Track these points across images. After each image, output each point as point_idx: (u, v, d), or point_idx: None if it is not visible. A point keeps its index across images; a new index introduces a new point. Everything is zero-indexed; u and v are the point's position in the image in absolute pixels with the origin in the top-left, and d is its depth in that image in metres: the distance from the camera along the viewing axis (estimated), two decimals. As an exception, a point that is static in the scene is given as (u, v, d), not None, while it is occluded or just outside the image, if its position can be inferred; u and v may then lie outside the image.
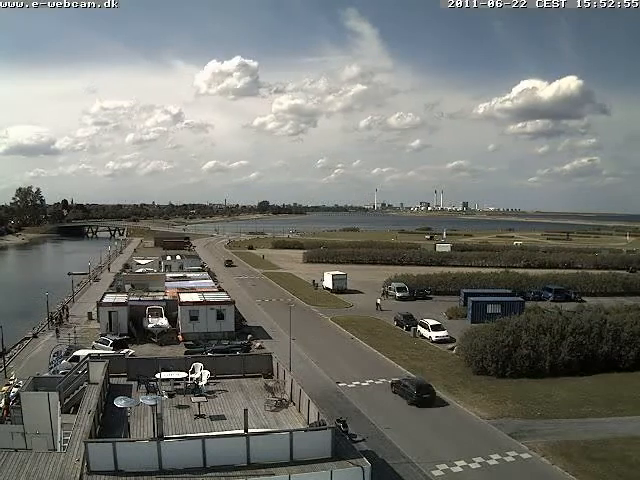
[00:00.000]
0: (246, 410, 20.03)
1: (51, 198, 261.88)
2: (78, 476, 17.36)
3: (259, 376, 27.57)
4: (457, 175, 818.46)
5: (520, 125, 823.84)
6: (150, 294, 55.45)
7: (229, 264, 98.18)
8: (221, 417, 22.76)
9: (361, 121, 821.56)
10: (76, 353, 34.95)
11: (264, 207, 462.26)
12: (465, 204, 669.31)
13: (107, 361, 26.76)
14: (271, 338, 46.04)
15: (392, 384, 33.52)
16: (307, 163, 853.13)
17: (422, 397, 30.94)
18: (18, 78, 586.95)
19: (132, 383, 26.15)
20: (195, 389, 25.23)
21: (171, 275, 67.24)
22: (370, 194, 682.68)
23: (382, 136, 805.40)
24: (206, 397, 24.40)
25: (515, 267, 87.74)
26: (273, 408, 23.65)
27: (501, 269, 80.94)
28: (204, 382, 25.87)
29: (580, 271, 79.91)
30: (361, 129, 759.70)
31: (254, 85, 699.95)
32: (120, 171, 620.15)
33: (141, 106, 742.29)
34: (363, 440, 26.04)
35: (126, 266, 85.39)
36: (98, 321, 47.44)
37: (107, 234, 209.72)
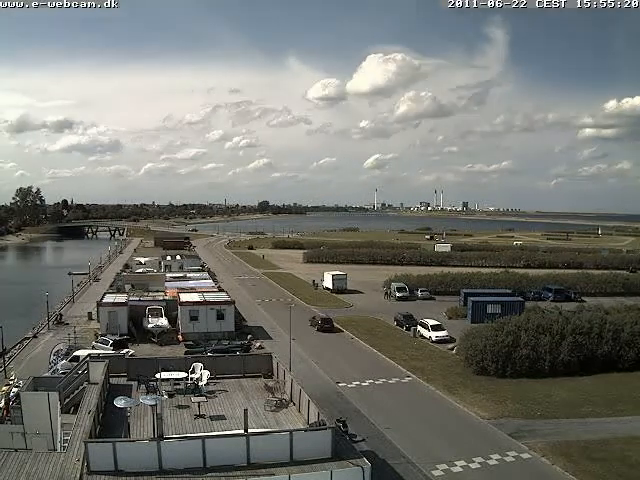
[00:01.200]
0: (246, 410, 20.03)
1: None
2: (78, 476, 17.35)
3: (259, 376, 27.56)
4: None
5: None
6: (150, 294, 55.46)
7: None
8: (221, 417, 22.75)
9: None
10: (76, 353, 34.96)
11: (264, 207, 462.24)
12: (465, 204, 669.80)
13: (107, 361, 26.76)
14: (271, 338, 46.02)
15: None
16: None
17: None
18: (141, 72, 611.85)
19: (132, 383, 26.14)
20: (195, 389, 25.23)
21: (171, 275, 67.22)
22: (370, 194, 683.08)
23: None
24: (206, 397, 24.40)
25: (515, 267, 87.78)
26: (273, 408, 23.65)
27: (501, 269, 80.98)
28: (204, 382, 25.87)
29: (580, 271, 79.90)
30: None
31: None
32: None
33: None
34: (363, 440, 26.04)
35: (126, 266, 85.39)
36: (98, 321, 47.44)
37: (107, 234, 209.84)
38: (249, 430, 19.11)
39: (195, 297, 49.35)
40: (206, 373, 26.52)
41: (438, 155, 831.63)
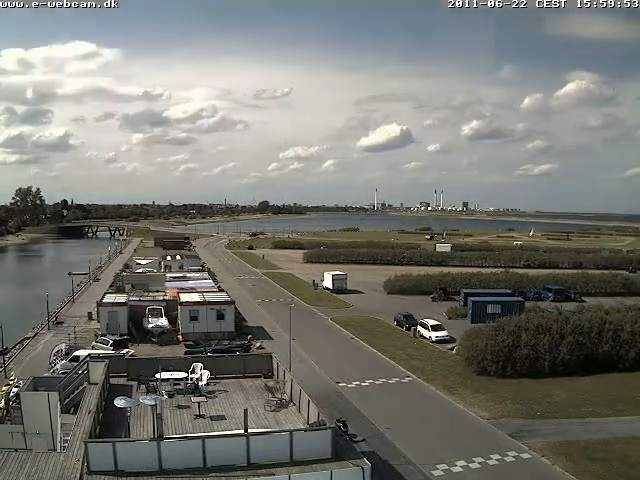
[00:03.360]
0: (246, 410, 20.04)
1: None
2: (78, 476, 17.35)
3: (259, 376, 27.55)
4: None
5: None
6: (150, 294, 55.46)
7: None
8: (221, 417, 22.74)
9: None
10: (76, 353, 34.96)
11: (264, 207, 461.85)
12: (465, 204, 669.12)
13: (107, 361, 26.75)
14: (272, 338, 46.02)
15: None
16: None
17: None
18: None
19: (132, 383, 26.12)
20: (195, 389, 25.22)
21: (171, 275, 67.22)
22: (370, 194, 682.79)
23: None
24: (206, 397, 24.39)
25: (515, 267, 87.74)
26: (273, 408, 23.64)
27: (501, 269, 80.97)
28: (204, 382, 25.86)
29: (580, 271, 79.89)
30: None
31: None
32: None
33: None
34: (363, 440, 26.04)
35: (126, 266, 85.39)
36: (98, 321, 47.44)
37: (107, 234, 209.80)
38: (249, 430, 19.12)
39: (195, 297, 49.34)
40: (206, 373, 26.50)
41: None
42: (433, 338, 45.24)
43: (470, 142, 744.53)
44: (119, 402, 20.35)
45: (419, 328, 47.42)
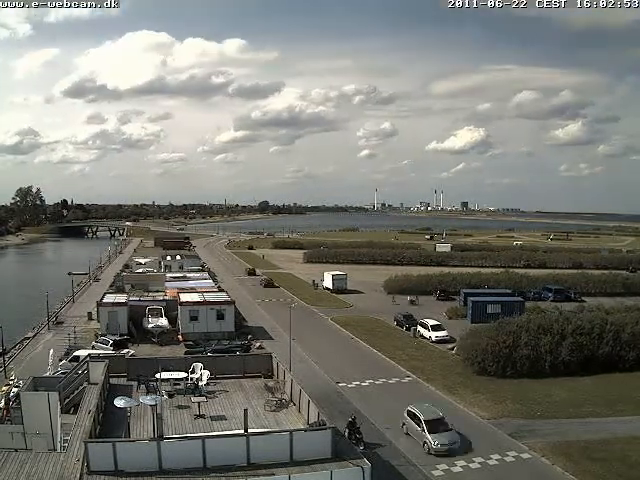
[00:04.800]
0: (246, 410, 20.01)
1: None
2: (78, 476, 17.33)
3: (259, 376, 27.53)
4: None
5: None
6: (150, 294, 55.46)
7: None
8: (221, 417, 22.73)
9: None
10: (76, 353, 34.94)
11: (264, 207, 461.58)
12: (465, 204, 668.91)
13: (107, 361, 26.75)
14: (272, 338, 46.03)
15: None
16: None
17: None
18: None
19: (132, 383, 26.12)
20: (195, 389, 25.20)
21: (171, 275, 67.24)
22: (370, 194, 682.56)
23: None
24: (206, 397, 24.37)
25: (515, 267, 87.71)
26: (273, 408, 23.63)
27: (501, 269, 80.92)
28: (204, 382, 25.85)
29: (580, 271, 79.87)
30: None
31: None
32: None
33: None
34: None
35: (126, 266, 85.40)
36: (98, 321, 47.44)
37: (107, 234, 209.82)
38: (249, 430, 19.09)
39: (195, 297, 49.35)
40: (206, 373, 26.50)
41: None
42: (433, 338, 45.23)
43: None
44: (119, 402, 20.34)
45: (419, 328, 47.42)
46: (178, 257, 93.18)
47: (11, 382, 30.48)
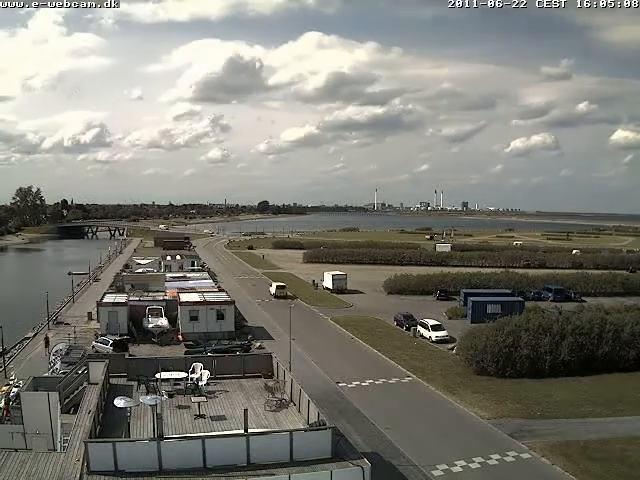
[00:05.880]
0: (246, 410, 20.00)
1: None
2: (78, 476, 17.32)
3: (259, 376, 27.51)
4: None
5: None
6: (150, 294, 55.42)
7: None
8: (221, 417, 22.70)
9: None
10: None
11: (264, 207, 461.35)
12: (465, 204, 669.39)
13: (107, 361, 26.74)
14: (272, 338, 46.03)
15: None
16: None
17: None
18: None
19: (132, 383, 26.08)
20: (195, 389, 25.18)
21: (171, 275, 67.25)
22: (370, 194, 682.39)
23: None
24: (206, 397, 24.34)
25: (515, 267, 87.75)
26: (273, 408, 23.61)
27: (501, 269, 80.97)
28: (204, 382, 25.82)
29: (580, 271, 79.86)
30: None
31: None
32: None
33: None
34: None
35: (126, 266, 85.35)
36: (98, 321, 47.43)
37: (107, 234, 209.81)
38: (249, 430, 19.08)
39: (195, 297, 49.36)
40: (206, 373, 26.46)
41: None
42: (433, 338, 45.23)
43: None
44: (119, 402, 20.32)
45: (419, 328, 47.41)
46: (178, 257, 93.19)
47: (11, 382, 30.50)
